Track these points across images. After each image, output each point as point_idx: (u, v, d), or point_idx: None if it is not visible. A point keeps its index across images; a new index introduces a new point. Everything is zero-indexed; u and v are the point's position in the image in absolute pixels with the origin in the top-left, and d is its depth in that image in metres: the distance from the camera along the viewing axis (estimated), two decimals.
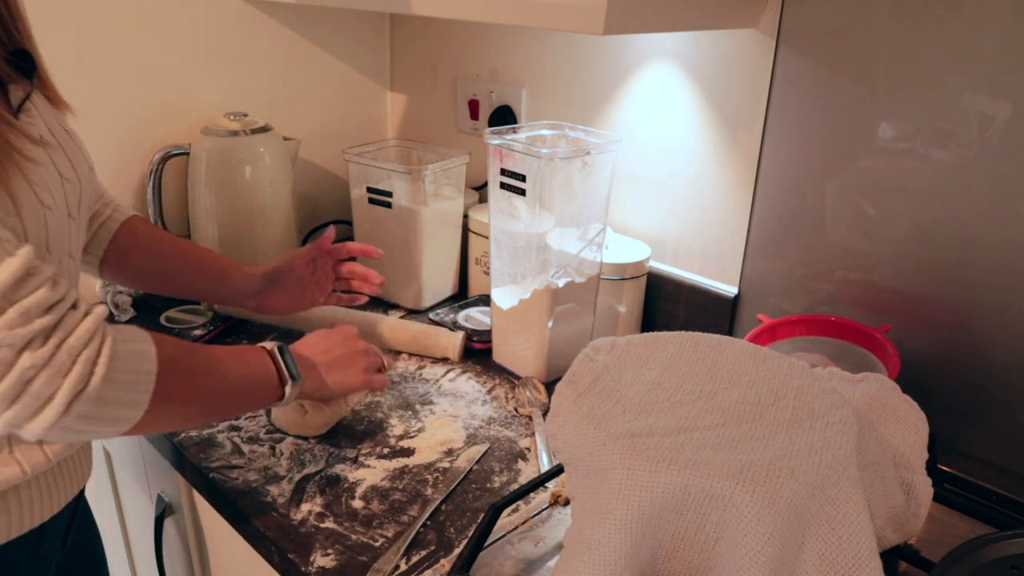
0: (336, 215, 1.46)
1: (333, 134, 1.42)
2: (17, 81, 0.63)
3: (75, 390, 0.54)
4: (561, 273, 0.95)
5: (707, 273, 1.08)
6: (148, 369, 0.59)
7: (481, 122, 1.32)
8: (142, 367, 0.59)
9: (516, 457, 0.84)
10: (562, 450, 0.59)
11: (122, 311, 1.11)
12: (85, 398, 0.55)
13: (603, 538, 0.52)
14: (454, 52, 1.34)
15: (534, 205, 0.92)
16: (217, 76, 1.24)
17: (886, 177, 0.87)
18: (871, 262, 0.91)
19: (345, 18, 1.37)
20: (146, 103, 1.17)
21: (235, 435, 0.86)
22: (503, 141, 0.93)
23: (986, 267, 0.82)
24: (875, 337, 0.87)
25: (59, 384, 0.54)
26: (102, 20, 1.09)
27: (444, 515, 0.75)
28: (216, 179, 1.16)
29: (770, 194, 0.98)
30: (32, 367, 0.52)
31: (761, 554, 0.49)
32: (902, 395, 0.68)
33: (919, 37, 0.81)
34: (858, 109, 0.87)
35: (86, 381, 0.55)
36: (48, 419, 0.54)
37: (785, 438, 0.55)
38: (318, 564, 0.68)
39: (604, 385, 0.62)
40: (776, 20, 0.92)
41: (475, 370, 1.03)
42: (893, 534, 0.61)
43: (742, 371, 0.64)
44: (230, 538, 0.86)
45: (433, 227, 1.15)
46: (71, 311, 0.56)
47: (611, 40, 1.10)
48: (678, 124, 1.05)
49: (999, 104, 0.78)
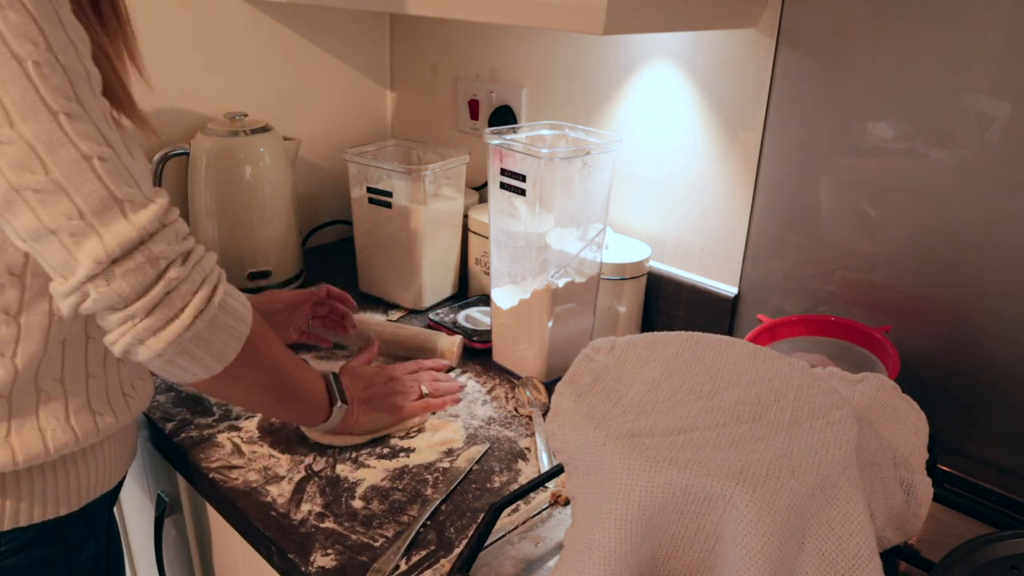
0: (336, 215, 1.46)
1: (333, 134, 1.42)
2: None
3: (199, 308, 0.60)
4: (561, 273, 0.95)
5: (707, 273, 1.08)
6: (244, 325, 0.66)
7: (481, 122, 1.32)
8: (240, 319, 0.66)
9: (516, 457, 0.84)
10: (562, 450, 0.59)
11: None
12: (205, 317, 0.61)
13: (603, 538, 0.52)
14: (454, 52, 1.34)
15: (534, 205, 0.92)
16: (217, 76, 1.24)
17: (886, 177, 0.87)
18: (871, 262, 0.91)
19: (345, 18, 1.37)
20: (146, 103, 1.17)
21: (235, 435, 0.86)
22: (503, 141, 0.93)
23: (986, 267, 0.82)
24: (875, 337, 0.87)
25: (190, 299, 0.60)
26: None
27: (444, 515, 0.75)
28: (216, 179, 1.16)
29: (770, 194, 0.98)
30: (176, 279, 0.59)
31: (761, 554, 0.49)
32: (902, 395, 0.68)
33: (919, 37, 0.81)
34: (858, 109, 0.87)
35: (207, 302, 0.61)
36: (172, 333, 0.59)
37: (785, 438, 0.55)
38: (318, 564, 0.68)
39: (604, 385, 0.62)
40: (776, 20, 0.92)
41: (475, 370, 1.03)
42: (893, 534, 0.61)
43: (742, 371, 0.64)
44: (230, 538, 0.86)
45: (433, 227, 1.15)
46: (197, 244, 0.63)
47: (611, 40, 1.10)
48: (678, 124, 1.05)
49: (999, 104, 0.78)
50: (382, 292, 1.22)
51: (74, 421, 0.67)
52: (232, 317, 0.65)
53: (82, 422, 0.68)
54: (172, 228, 0.60)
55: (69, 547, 0.72)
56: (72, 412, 0.67)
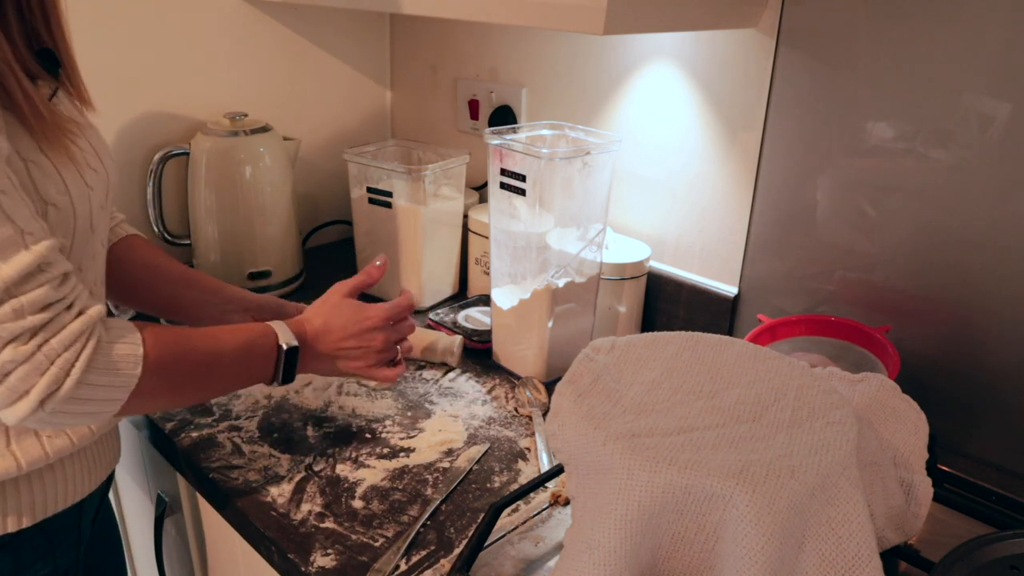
0: (336, 215, 1.46)
1: (333, 134, 1.42)
2: (43, 77, 0.65)
3: (48, 390, 0.56)
4: (561, 273, 0.95)
5: (707, 273, 1.08)
6: (130, 372, 0.61)
7: (481, 122, 1.32)
8: (124, 370, 0.61)
9: (516, 457, 0.84)
10: (562, 450, 0.59)
11: (123, 311, 1.11)
12: (58, 398, 0.57)
13: (603, 538, 0.52)
14: (454, 52, 1.34)
15: (534, 205, 0.92)
16: (217, 76, 1.24)
17: (886, 177, 0.87)
18: (871, 262, 0.91)
19: (345, 18, 1.37)
20: (146, 103, 1.17)
21: (235, 435, 0.86)
22: (503, 141, 0.93)
23: (986, 267, 0.82)
24: (875, 337, 0.87)
25: (35, 382, 0.56)
26: (102, 20, 1.09)
27: (444, 515, 0.75)
28: (216, 179, 1.16)
29: (770, 194, 0.98)
30: (12, 362, 0.55)
31: (761, 554, 0.49)
32: (902, 395, 0.68)
33: (919, 37, 0.81)
34: (858, 109, 0.87)
35: (60, 383, 0.57)
36: (22, 411, 0.56)
37: (785, 438, 0.55)
38: (318, 564, 0.68)
39: (604, 385, 0.62)
40: (776, 20, 0.92)
41: (475, 370, 1.03)
42: (893, 534, 0.61)
43: (742, 371, 0.64)
44: (230, 538, 0.86)
45: (433, 227, 1.15)
46: (65, 311, 0.58)
47: (611, 40, 1.10)
48: (678, 124, 1.05)
49: (999, 104, 0.78)
50: (382, 292, 1.22)
51: (16, 446, 0.65)
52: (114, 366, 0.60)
53: (26, 448, 0.65)
54: (17, 301, 0.54)
55: (21, 564, 0.69)
56: (13, 437, 0.65)
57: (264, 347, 0.73)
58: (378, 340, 0.81)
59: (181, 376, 0.67)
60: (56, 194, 0.61)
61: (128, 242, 0.87)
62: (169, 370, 0.65)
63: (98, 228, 0.68)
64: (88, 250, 0.67)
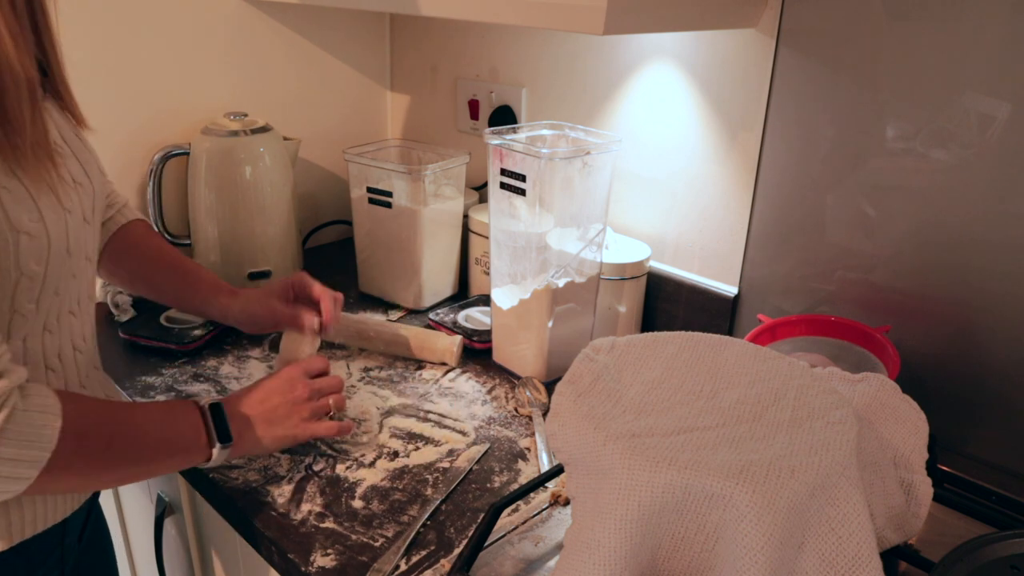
0: (336, 215, 1.46)
1: (333, 134, 1.42)
2: None
3: None
4: (561, 273, 0.95)
5: (707, 273, 1.08)
6: (42, 446, 0.58)
7: (481, 122, 1.32)
8: (35, 444, 0.57)
9: (516, 457, 0.84)
10: (562, 450, 0.59)
11: (122, 311, 1.11)
12: None
13: (603, 538, 0.52)
14: (454, 52, 1.34)
15: (534, 205, 0.92)
16: (217, 76, 1.24)
17: (886, 177, 0.87)
18: (871, 262, 0.91)
19: (345, 18, 1.37)
20: (146, 103, 1.17)
21: None
22: (503, 141, 0.93)
23: (986, 267, 0.82)
24: (875, 337, 0.87)
25: None
26: (102, 21, 1.09)
27: (444, 515, 0.75)
28: (216, 179, 1.16)
29: (770, 194, 0.98)
30: None
31: (761, 554, 0.49)
32: (902, 395, 0.68)
33: (919, 37, 0.81)
34: (858, 109, 0.87)
35: None
36: None
37: (785, 438, 0.55)
38: (318, 564, 0.68)
39: (604, 385, 0.62)
40: (776, 20, 0.92)
41: (475, 370, 1.03)
42: (893, 534, 0.61)
43: (742, 371, 0.64)
44: (230, 538, 0.86)
45: (433, 227, 1.15)
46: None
47: (611, 40, 1.10)
48: (678, 124, 1.05)
49: (999, 104, 0.78)
50: (382, 292, 1.22)
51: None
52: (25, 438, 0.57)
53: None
54: None
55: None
56: None
57: (185, 409, 0.72)
58: (300, 388, 0.80)
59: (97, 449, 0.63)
60: (29, 222, 0.59)
61: (128, 229, 0.89)
62: (85, 441, 0.62)
63: (78, 248, 0.66)
64: (65, 271, 0.65)
